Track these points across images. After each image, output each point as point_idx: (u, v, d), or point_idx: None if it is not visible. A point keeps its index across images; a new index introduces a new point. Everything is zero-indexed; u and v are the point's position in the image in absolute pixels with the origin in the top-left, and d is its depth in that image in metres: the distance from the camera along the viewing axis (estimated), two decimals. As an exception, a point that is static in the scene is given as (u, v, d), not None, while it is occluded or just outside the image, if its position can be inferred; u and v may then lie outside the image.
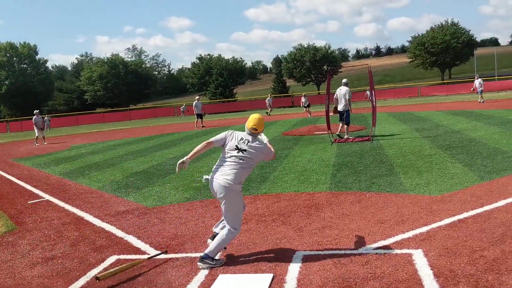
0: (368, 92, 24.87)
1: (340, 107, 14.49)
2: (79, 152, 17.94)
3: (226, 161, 4.86)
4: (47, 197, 9.12)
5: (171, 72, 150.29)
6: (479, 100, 28.89)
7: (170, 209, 7.24)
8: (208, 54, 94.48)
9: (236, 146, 4.91)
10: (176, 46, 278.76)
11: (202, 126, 27.77)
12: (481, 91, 29.09)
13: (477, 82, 29.24)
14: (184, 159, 5.05)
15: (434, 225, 5.28)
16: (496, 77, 52.30)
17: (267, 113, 35.96)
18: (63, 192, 9.48)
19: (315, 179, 8.59)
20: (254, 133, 5.03)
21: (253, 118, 5.08)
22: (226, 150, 4.93)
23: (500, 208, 5.70)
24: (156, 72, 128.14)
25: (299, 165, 10.26)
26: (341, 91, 14.37)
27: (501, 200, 6.04)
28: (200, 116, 28.34)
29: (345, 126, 14.56)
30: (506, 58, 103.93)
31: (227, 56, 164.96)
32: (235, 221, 4.81)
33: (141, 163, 12.91)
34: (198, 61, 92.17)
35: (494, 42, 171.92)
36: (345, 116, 14.36)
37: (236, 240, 5.36)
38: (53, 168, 13.49)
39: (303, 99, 31.00)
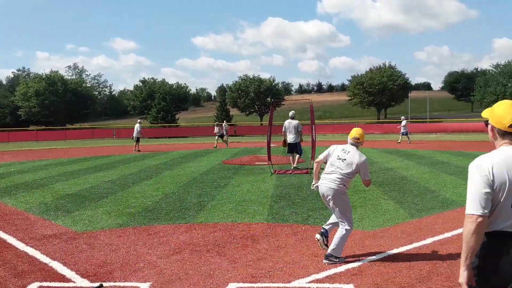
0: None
1: (289, 139, 14.75)
2: (7, 171, 16.97)
3: (331, 169, 5.61)
4: (-34, 217, 8.49)
5: (113, 93, 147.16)
6: (398, 141, 30.13)
7: (100, 235, 6.95)
8: (152, 78, 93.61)
9: (338, 156, 5.63)
10: (119, 68, 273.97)
11: (138, 150, 27.05)
12: (406, 133, 30.27)
13: (403, 123, 30.53)
14: (314, 182, 5.82)
15: (365, 260, 5.39)
16: (428, 120, 55.29)
17: (220, 144, 34.71)
18: (-15, 213, 8.87)
19: (252, 210, 8.58)
20: (356, 142, 5.73)
21: (356, 130, 5.85)
22: (330, 161, 5.65)
23: (428, 246, 5.92)
24: (97, 93, 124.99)
25: (237, 195, 10.23)
26: (292, 123, 14.66)
27: (428, 238, 6.29)
28: (138, 139, 27.77)
29: (297, 156, 14.84)
30: (437, 102, 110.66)
31: (172, 81, 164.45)
32: (349, 219, 5.58)
33: (74, 185, 12.39)
34: (141, 84, 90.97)
35: (427, 86, 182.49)
36: (297, 148, 14.73)
37: (168, 270, 5.21)
38: (-24, 186, 12.64)
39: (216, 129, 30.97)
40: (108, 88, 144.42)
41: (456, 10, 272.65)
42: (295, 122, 14.71)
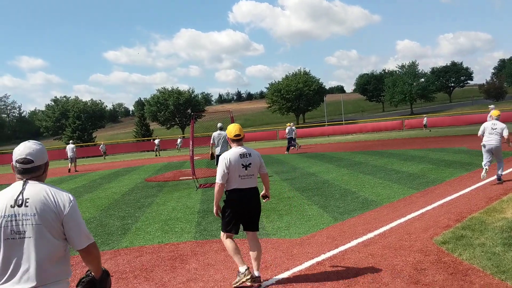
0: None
1: (218, 151, 14.47)
2: None
3: (489, 135, 9.51)
4: None
5: (22, 115, 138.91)
6: (296, 147, 30.77)
7: None
8: (65, 96, 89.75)
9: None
10: (27, 87, 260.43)
11: (76, 171, 26.77)
12: (295, 139, 31.01)
13: (289, 129, 31.20)
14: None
15: (295, 269, 5.46)
16: (343, 121, 57.69)
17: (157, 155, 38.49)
18: None
19: (180, 228, 8.41)
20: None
21: (495, 111, 9.92)
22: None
23: (352, 248, 6.12)
24: (5, 115, 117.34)
25: (163, 213, 9.99)
26: (221, 135, 14.35)
27: (353, 240, 6.50)
28: (72, 160, 26.75)
29: None
30: (351, 104, 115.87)
31: (86, 98, 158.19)
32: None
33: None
34: (53, 103, 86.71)
35: (340, 89, 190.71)
36: None
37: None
38: None
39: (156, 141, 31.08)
40: (17, 109, 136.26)
41: (361, 15, 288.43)
42: (224, 133, 14.50)
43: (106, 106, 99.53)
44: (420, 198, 9.24)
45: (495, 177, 10.16)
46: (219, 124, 14.89)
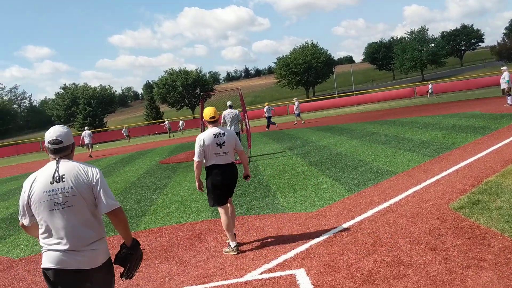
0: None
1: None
2: None
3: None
4: None
5: (33, 105, 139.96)
6: (297, 122, 31.05)
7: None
8: (74, 83, 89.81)
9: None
10: (35, 77, 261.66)
11: (90, 156, 27.66)
12: (299, 113, 31.34)
13: (295, 104, 31.42)
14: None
15: (313, 242, 5.50)
16: (354, 92, 57.21)
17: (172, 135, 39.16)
18: None
19: (196, 207, 8.50)
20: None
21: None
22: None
23: (369, 218, 6.14)
24: (16, 106, 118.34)
25: (178, 194, 10.09)
26: (231, 114, 14.29)
27: (368, 211, 6.52)
28: (89, 145, 28.09)
29: None
30: (361, 74, 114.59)
31: (94, 84, 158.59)
32: None
33: (4, 209, 11.71)
34: (62, 91, 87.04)
35: (349, 60, 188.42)
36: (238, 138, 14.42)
37: (116, 285, 5.04)
38: None
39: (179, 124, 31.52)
40: (28, 99, 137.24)
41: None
42: (234, 111, 14.40)
43: (115, 91, 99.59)
44: (434, 165, 9.20)
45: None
46: (228, 103, 14.82)
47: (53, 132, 3.16)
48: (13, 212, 10.90)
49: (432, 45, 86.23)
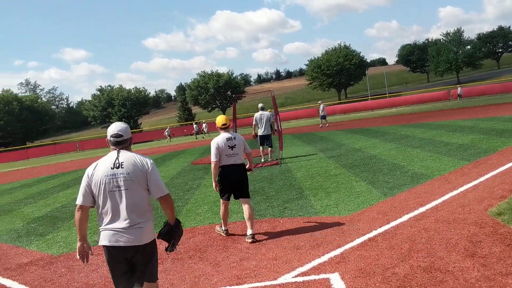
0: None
1: (261, 132, 14.57)
2: (-31, 200, 16.34)
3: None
4: None
5: (70, 105, 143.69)
6: (323, 125, 30.79)
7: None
8: (109, 85, 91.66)
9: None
10: (73, 78, 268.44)
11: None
12: (324, 116, 31.07)
13: (320, 107, 31.19)
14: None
15: (347, 246, 5.46)
16: (387, 94, 56.41)
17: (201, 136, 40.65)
18: (-48, 248, 8.52)
19: (228, 209, 8.53)
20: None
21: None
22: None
23: (405, 223, 6.04)
24: (54, 106, 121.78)
25: (211, 195, 10.17)
26: (264, 115, 14.42)
27: (404, 215, 6.42)
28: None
29: (269, 149, 14.74)
30: (394, 76, 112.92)
31: (128, 86, 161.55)
32: None
33: (43, 207, 12.06)
34: (98, 92, 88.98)
35: (382, 62, 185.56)
36: (270, 140, 14.56)
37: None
38: None
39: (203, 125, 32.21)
40: (65, 100, 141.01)
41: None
42: (266, 113, 14.52)
43: (149, 92, 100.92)
44: (472, 170, 8.98)
45: None
46: (260, 105, 14.88)
47: (115, 127, 3.67)
48: (51, 210, 11.22)
49: (468, 47, 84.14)
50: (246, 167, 6.79)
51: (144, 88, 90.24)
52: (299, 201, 8.33)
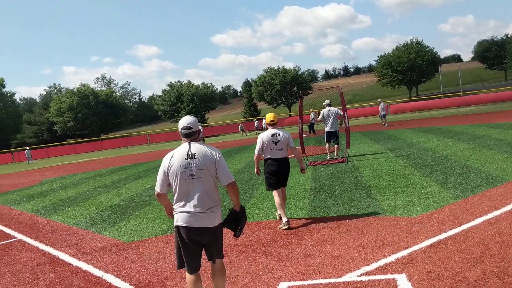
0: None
1: (328, 128, 14.46)
2: (50, 187, 17.51)
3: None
4: (19, 236, 8.83)
5: (142, 100, 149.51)
6: (383, 124, 29.87)
7: (148, 244, 7.09)
8: (179, 81, 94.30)
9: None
10: (144, 74, 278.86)
11: None
12: (384, 115, 29.99)
13: (381, 106, 30.05)
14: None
15: (415, 248, 5.31)
16: (461, 93, 53.89)
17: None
18: (36, 231, 9.20)
19: (293, 205, 8.58)
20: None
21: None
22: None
23: (477, 227, 5.78)
24: (127, 101, 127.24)
25: (276, 190, 10.23)
26: (331, 111, 14.31)
27: (477, 218, 6.14)
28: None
29: (336, 146, 14.62)
30: (469, 74, 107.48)
31: (196, 81, 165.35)
32: None
33: (116, 196, 12.68)
34: (168, 88, 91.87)
35: (457, 58, 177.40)
36: (337, 136, 14.46)
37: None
38: (24, 205, 13.11)
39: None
40: (137, 95, 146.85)
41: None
42: (333, 109, 14.38)
43: (216, 88, 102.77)
44: (554, 174, 8.40)
45: None
46: (326, 101, 14.73)
47: (185, 121, 4.06)
48: (124, 199, 11.78)
49: (554, 42, 78.46)
50: (299, 168, 7.70)
51: (211, 83, 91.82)
52: (366, 200, 8.19)
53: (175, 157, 3.97)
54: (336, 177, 11.10)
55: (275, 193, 7.23)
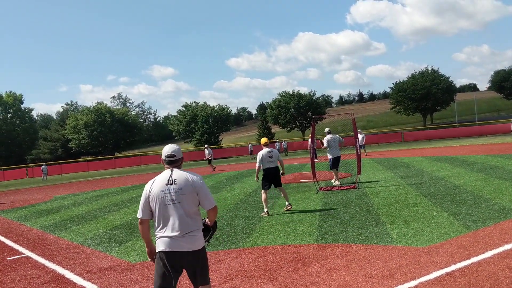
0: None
1: (334, 154, 14.75)
2: (61, 204, 17.62)
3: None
4: (27, 253, 8.86)
5: (157, 120, 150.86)
6: (364, 153, 29.66)
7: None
8: (194, 102, 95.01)
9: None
10: (160, 94, 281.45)
11: (214, 169, 31.12)
12: (363, 146, 29.67)
13: (360, 137, 29.79)
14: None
15: (422, 279, 5.21)
16: (476, 122, 53.46)
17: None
18: (44, 248, 9.23)
19: (301, 230, 8.50)
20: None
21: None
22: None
23: (487, 260, 5.66)
24: (142, 120, 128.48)
25: (285, 215, 10.18)
26: (334, 138, 14.73)
27: (487, 251, 6.02)
28: (209, 161, 32.03)
29: (335, 170, 14.90)
30: (485, 103, 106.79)
31: (211, 103, 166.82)
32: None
33: (125, 215, 12.70)
34: (184, 108, 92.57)
35: (472, 87, 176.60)
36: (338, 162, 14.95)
37: (221, 299, 5.21)
38: (34, 221, 13.19)
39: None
40: (153, 114, 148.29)
41: (492, 8, 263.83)
42: (336, 136, 14.83)
43: (231, 110, 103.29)
44: None
45: None
46: (326, 129, 15.02)
47: (169, 148, 4.15)
48: (132, 219, 11.79)
49: None
50: (281, 172, 11.04)
51: (226, 105, 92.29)
52: (375, 228, 8.09)
53: (156, 183, 4.04)
54: (346, 203, 11.01)
55: (264, 193, 10.65)
